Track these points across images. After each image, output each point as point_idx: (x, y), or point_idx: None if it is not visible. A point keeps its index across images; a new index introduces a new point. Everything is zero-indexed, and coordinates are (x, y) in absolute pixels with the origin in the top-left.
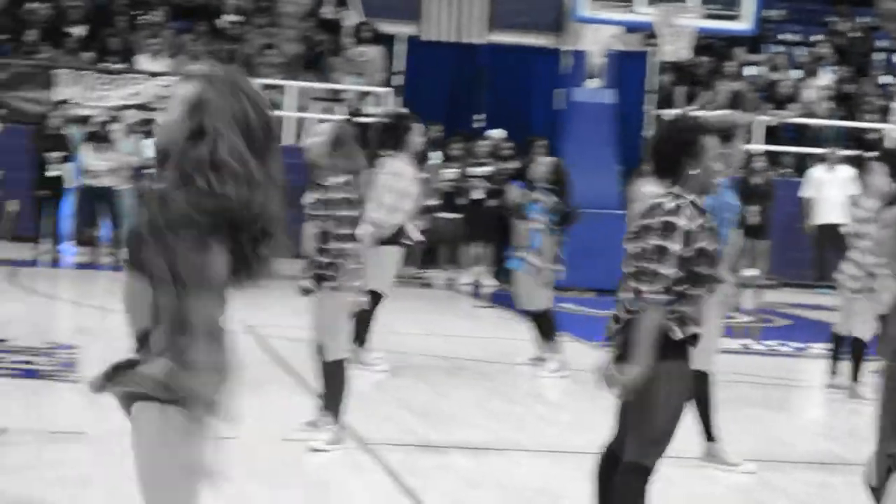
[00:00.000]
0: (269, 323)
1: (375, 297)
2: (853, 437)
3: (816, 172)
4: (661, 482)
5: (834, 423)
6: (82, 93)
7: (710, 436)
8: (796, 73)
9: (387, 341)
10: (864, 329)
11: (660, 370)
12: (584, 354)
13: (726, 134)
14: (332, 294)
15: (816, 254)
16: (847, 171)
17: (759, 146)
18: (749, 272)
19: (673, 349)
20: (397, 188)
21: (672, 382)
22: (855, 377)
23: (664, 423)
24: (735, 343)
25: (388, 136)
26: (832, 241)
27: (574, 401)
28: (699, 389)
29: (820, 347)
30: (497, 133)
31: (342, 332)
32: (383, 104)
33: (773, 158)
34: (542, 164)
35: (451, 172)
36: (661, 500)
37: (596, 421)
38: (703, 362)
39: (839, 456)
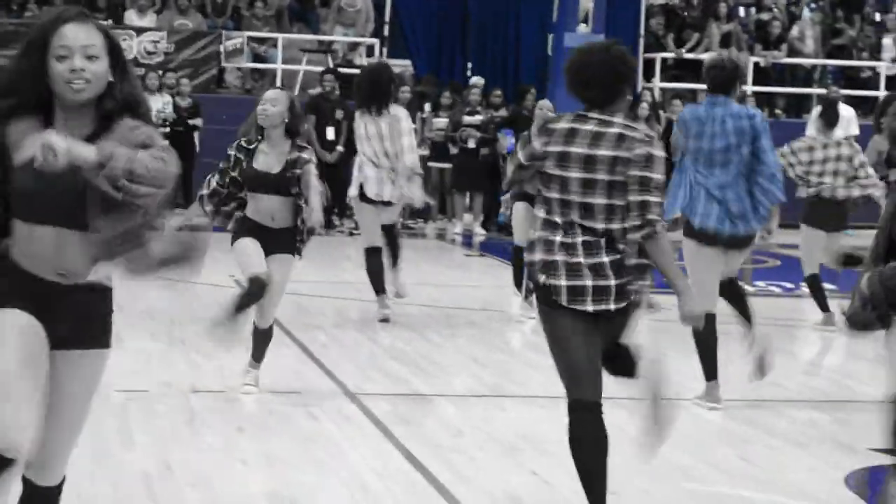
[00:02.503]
0: None
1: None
2: (841, 374)
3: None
4: (631, 414)
5: (823, 361)
6: None
7: (709, 375)
8: (786, 13)
9: None
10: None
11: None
12: None
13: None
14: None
15: None
16: (847, 111)
17: (750, 87)
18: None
19: (542, 292)
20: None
21: (548, 323)
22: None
23: (555, 359)
24: None
25: (373, 90)
26: None
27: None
28: (702, 331)
29: None
30: (476, 80)
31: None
32: (373, 55)
33: (765, 100)
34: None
35: (441, 122)
36: (626, 427)
37: None
38: (706, 304)
39: (826, 393)
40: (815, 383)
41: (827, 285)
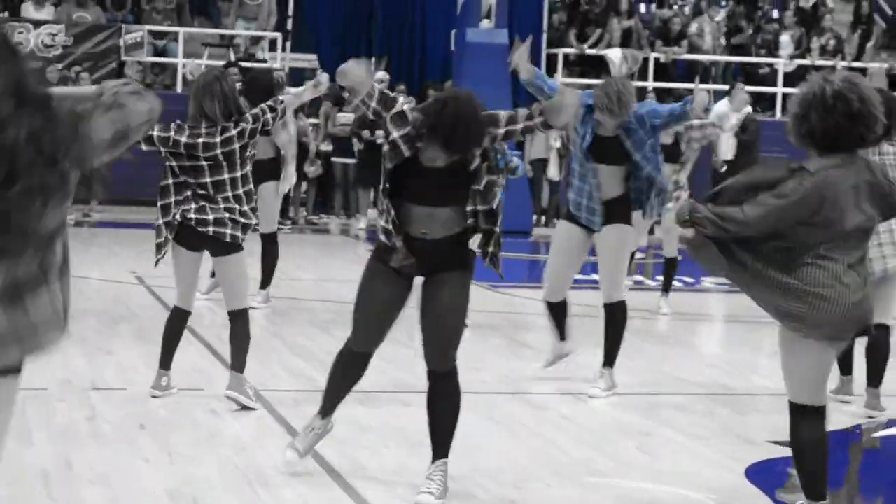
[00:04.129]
0: (156, 273)
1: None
2: (742, 368)
3: (721, 107)
4: (552, 414)
5: (724, 355)
6: None
7: (607, 362)
8: (688, 10)
9: (280, 287)
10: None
11: None
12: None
13: None
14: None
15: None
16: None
17: (650, 83)
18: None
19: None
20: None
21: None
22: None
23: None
24: (629, 280)
25: (255, 91)
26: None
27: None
28: (610, 318)
29: (711, 281)
30: (381, 76)
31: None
32: (275, 49)
33: (664, 96)
34: None
35: (345, 117)
36: (550, 432)
37: (487, 359)
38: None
39: (727, 387)
40: (716, 377)
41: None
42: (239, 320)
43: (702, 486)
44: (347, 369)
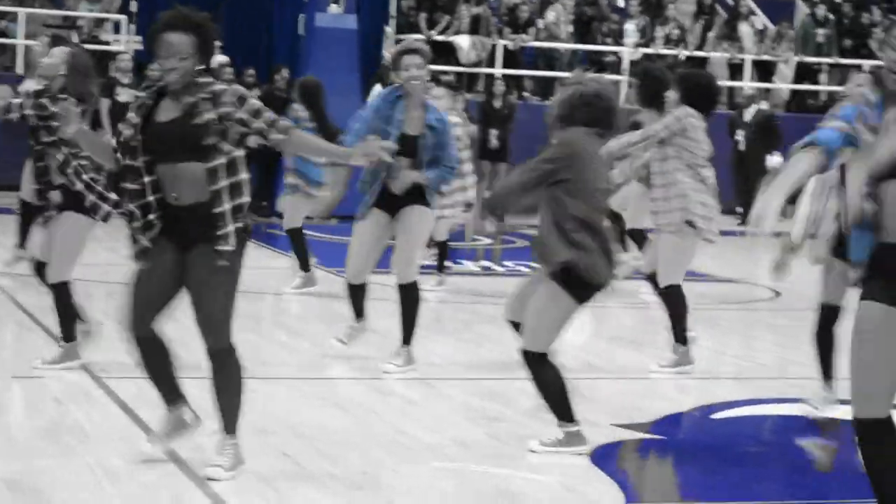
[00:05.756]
0: None
1: None
2: (584, 352)
3: None
4: (398, 399)
5: (567, 338)
6: None
7: (405, 340)
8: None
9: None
10: None
11: None
12: (330, 282)
13: None
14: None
15: None
16: None
17: (498, 70)
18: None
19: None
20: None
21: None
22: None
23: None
24: (476, 266)
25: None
26: None
27: (309, 326)
28: (404, 299)
29: None
30: (220, 59)
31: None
32: (119, 31)
33: (514, 83)
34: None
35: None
36: (396, 417)
37: (331, 345)
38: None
39: (570, 370)
40: (560, 360)
41: None
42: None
43: (548, 469)
44: (145, 357)
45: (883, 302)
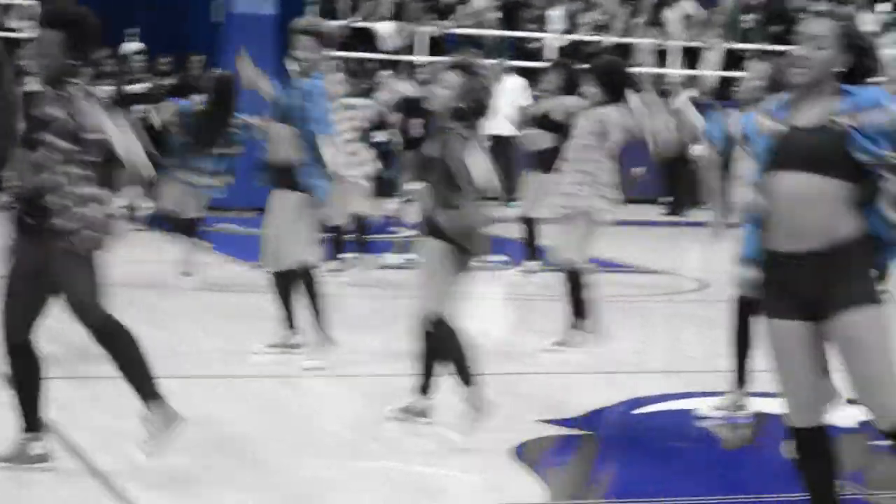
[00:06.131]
0: None
1: None
2: (508, 347)
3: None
4: (316, 397)
5: (490, 334)
6: None
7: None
8: None
9: None
10: None
11: None
12: (238, 274)
13: None
14: None
15: None
16: (515, 82)
17: (423, 58)
18: (413, 186)
19: None
20: None
21: None
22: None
23: None
24: (400, 258)
25: None
26: (502, 152)
27: (228, 324)
28: (282, 286)
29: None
30: (133, 46)
31: None
32: (27, 16)
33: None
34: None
35: (104, 90)
36: (315, 415)
37: (249, 342)
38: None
39: (496, 366)
40: (482, 356)
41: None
42: None
43: (471, 466)
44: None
45: (789, 318)
